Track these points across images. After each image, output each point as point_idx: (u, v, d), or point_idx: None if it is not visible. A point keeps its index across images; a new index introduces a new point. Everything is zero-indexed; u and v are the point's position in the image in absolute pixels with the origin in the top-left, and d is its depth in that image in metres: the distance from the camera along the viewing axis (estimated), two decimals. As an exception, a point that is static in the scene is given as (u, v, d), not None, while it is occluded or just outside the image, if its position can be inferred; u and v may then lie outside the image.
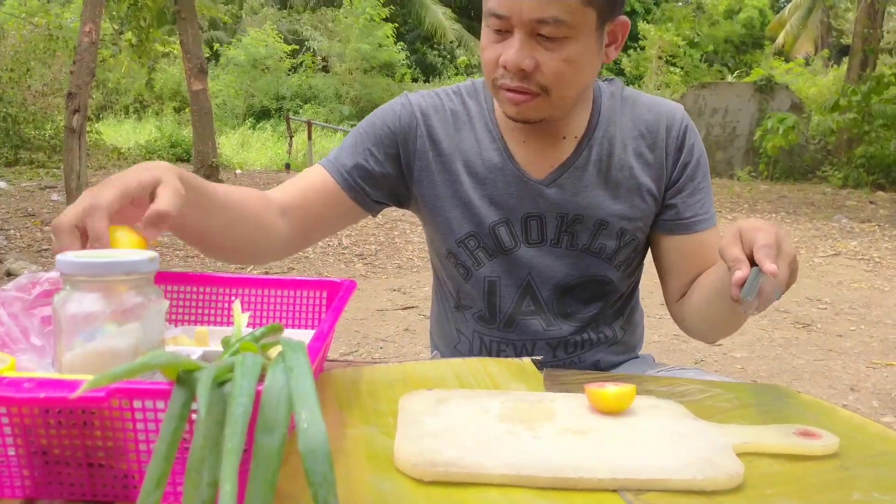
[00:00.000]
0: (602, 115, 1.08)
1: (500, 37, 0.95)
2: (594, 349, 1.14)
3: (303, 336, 0.77)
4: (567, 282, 1.09)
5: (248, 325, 0.86)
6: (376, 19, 17.90)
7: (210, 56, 16.61)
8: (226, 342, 0.65)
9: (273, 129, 16.26)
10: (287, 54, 18.07)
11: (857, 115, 9.78)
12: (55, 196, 7.38)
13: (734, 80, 16.39)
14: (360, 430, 0.69)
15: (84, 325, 0.58)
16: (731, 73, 19.86)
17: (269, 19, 19.78)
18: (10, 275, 4.20)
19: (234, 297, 0.90)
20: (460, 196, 1.08)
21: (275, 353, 0.57)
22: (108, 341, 0.58)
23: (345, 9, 18.59)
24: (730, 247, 0.82)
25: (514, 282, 1.09)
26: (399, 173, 1.10)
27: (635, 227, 1.08)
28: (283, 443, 0.45)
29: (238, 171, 11.75)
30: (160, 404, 0.50)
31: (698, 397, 0.83)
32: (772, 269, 0.75)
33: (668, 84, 17.72)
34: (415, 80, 19.82)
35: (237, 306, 0.75)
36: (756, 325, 3.95)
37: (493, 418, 0.71)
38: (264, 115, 17.35)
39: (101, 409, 0.51)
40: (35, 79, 11.19)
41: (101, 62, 11.53)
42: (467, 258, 1.10)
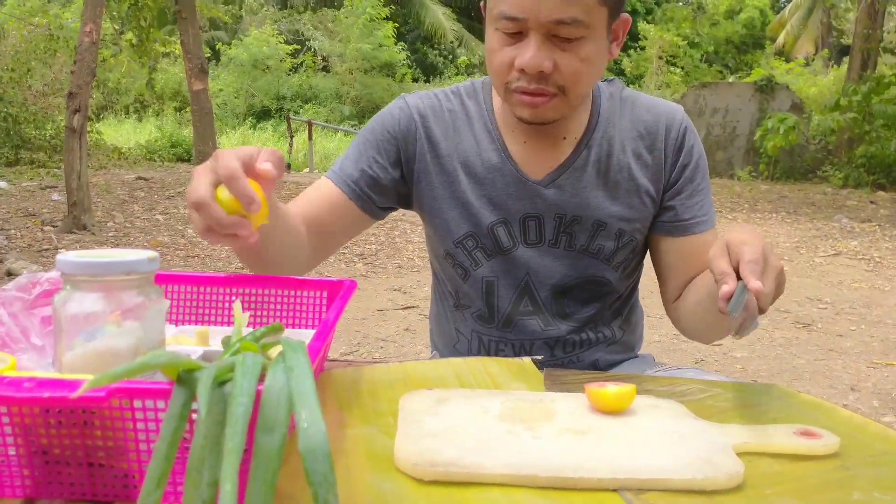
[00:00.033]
0: (601, 116, 1.08)
1: (512, 39, 0.94)
2: (592, 349, 1.14)
3: (303, 336, 0.77)
4: (565, 282, 1.09)
5: (249, 325, 0.86)
6: (376, 19, 17.89)
7: (210, 56, 16.61)
8: (226, 342, 0.65)
9: (273, 128, 16.27)
10: (288, 54, 18.07)
11: (857, 114, 9.78)
12: (56, 196, 7.38)
13: (734, 80, 16.39)
14: (360, 430, 0.69)
15: (84, 324, 0.58)
16: (731, 73, 19.86)
17: (270, 19, 19.78)
18: (11, 274, 4.20)
19: (234, 297, 0.90)
20: (458, 196, 1.08)
21: (275, 352, 0.57)
22: (108, 341, 0.58)
23: (345, 9, 18.59)
24: (717, 259, 0.81)
25: (512, 282, 1.09)
26: (401, 176, 1.10)
27: (633, 228, 1.08)
28: (284, 442, 0.45)
29: (238, 171, 11.72)
30: (160, 404, 0.50)
31: (698, 397, 0.83)
32: (756, 286, 0.75)
33: (668, 84, 17.71)
34: (415, 80, 19.81)
35: (237, 306, 0.75)
36: (756, 325, 3.95)
37: (493, 418, 0.71)
38: (265, 114, 17.35)
39: (102, 408, 0.51)
40: (36, 79, 11.20)
41: (102, 62, 11.53)
42: (465, 258, 1.10)
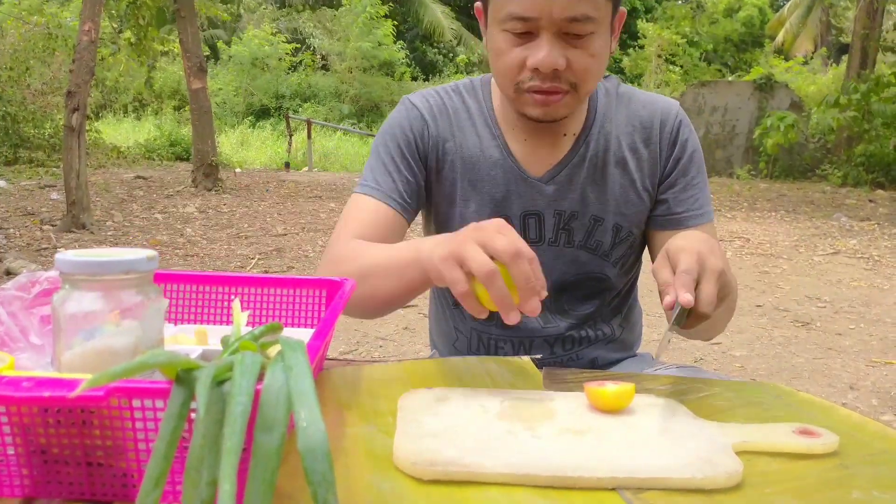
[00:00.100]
0: (598, 112, 1.08)
1: (521, 39, 0.94)
2: (592, 346, 1.14)
3: (302, 335, 0.77)
4: (564, 279, 1.09)
5: (248, 324, 0.86)
6: (376, 17, 17.88)
7: (209, 55, 16.60)
8: (225, 341, 0.65)
9: (273, 127, 16.26)
10: (287, 53, 18.06)
11: (856, 113, 9.78)
12: (54, 195, 7.37)
13: (734, 78, 16.39)
14: (359, 429, 0.69)
15: (83, 323, 0.57)
16: (730, 71, 19.87)
17: (268, 17, 19.76)
18: (10, 274, 4.20)
19: (233, 296, 0.90)
20: (459, 193, 1.08)
21: (274, 351, 0.57)
22: (107, 340, 0.58)
23: (344, 7, 18.58)
24: (658, 270, 0.79)
25: (511, 280, 1.09)
26: (425, 176, 1.10)
27: (631, 223, 1.08)
28: (283, 442, 0.45)
29: (237, 170, 11.74)
30: (159, 403, 0.50)
31: (697, 396, 0.83)
32: (685, 299, 0.73)
33: (667, 82, 17.73)
34: (414, 78, 19.80)
35: (236, 305, 0.75)
36: (755, 323, 3.96)
37: (492, 417, 0.71)
38: (264, 113, 17.35)
39: (100, 408, 0.51)
40: (34, 77, 11.18)
41: (101, 61, 11.54)
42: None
